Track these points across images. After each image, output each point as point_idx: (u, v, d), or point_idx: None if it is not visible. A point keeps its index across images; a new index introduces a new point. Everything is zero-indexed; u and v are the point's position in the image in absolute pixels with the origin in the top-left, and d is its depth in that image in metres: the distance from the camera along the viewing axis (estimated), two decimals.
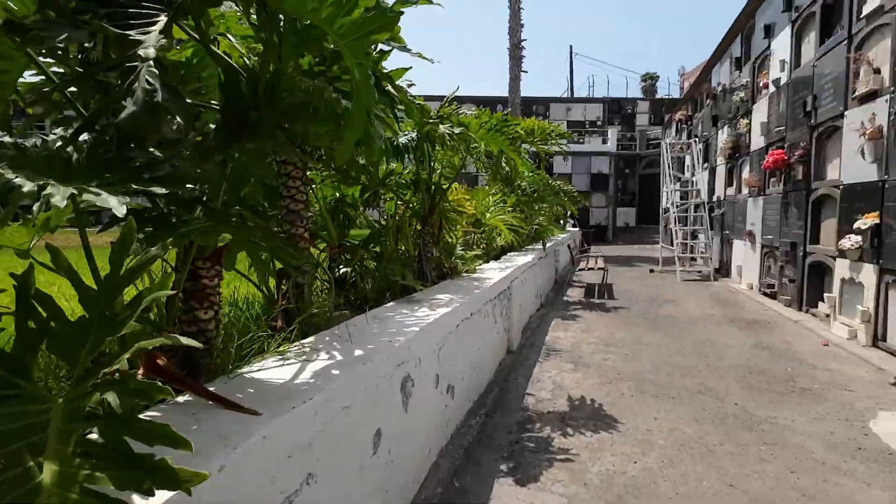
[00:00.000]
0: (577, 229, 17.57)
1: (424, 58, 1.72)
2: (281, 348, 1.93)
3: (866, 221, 4.88)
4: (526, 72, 19.05)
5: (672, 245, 12.07)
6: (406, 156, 3.63)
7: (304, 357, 1.82)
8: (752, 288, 8.57)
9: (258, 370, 1.70)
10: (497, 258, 6.19)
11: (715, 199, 11.26)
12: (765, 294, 7.84)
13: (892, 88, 4.70)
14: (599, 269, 8.20)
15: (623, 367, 4.42)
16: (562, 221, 16.79)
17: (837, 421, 3.27)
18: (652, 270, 11.47)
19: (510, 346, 4.80)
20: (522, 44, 18.70)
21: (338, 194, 3.69)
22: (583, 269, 8.29)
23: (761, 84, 8.48)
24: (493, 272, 4.63)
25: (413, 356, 2.23)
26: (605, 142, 23.48)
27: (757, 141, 8.56)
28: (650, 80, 30.29)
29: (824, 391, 3.81)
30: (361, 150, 2.27)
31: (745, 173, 9.26)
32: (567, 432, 3.10)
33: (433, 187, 3.97)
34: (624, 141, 24.80)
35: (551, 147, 8.18)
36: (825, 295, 5.78)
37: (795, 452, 2.84)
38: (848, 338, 5.18)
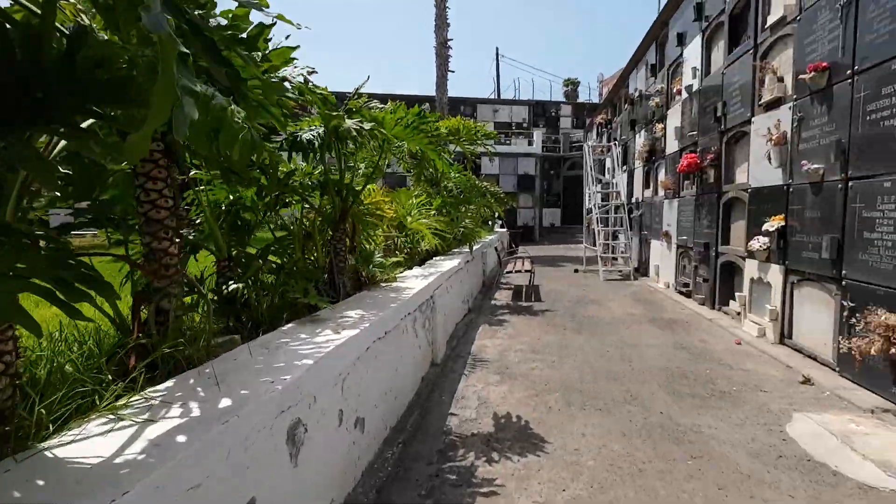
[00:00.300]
0: (505, 230, 17.71)
1: (286, 20, 1.35)
2: (120, 402, 1.48)
3: (773, 224, 5.08)
4: (453, 71, 18.95)
5: (595, 245, 12.40)
6: (313, 154, 3.22)
7: (146, 415, 1.39)
8: (668, 287, 8.89)
9: (72, 440, 1.26)
10: (421, 263, 5.89)
11: (634, 200, 11.67)
12: (680, 293, 8.14)
13: (794, 96, 4.91)
14: (527, 271, 8.14)
15: (550, 376, 4.25)
16: (490, 223, 16.86)
17: (757, 426, 3.26)
18: (576, 270, 11.69)
19: (434, 359, 4.50)
20: (449, 43, 18.58)
21: (231, 197, 3.20)
22: (510, 272, 8.19)
23: (675, 90, 8.82)
24: (415, 280, 4.30)
25: (305, 395, 1.84)
26: (530, 143, 23.97)
27: (672, 145, 8.89)
28: (572, 86, 31.40)
29: (742, 393, 3.84)
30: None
31: (661, 176, 9.62)
32: (492, 458, 2.83)
33: (345, 190, 3.57)
34: (549, 143, 25.47)
35: (477, 148, 8.02)
36: (736, 294, 6.01)
37: (722, 465, 2.76)
38: (758, 336, 5.38)
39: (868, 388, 3.75)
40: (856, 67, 4.00)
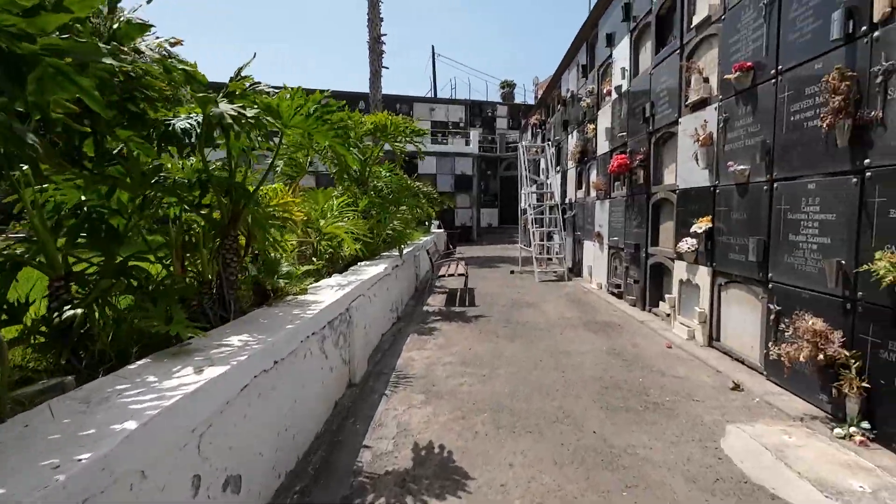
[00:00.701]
0: (442, 231, 17.43)
1: None
2: None
3: (701, 225, 5.03)
4: (387, 67, 18.41)
5: (530, 246, 12.35)
6: (191, 147, 2.67)
7: None
8: (601, 287, 8.90)
9: None
10: (344, 270, 5.39)
11: (567, 201, 11.71)
12: (613, 293, 8.13)
13: (719, 97, 4.87)
14: (460, 274, 7.82)
15: (480, 393, 3.91)
16: (427, 223, 16.49)
17: (692, 443, 3.07)
18: (512, 272, 11.56)
19: (352, 379, 4.04)
20: (383, 38, 18.02)
21: (85, 198, 2.59)
22: (444, 276, 7.85)
23: (605, 91, 8.83)
24: (329, 292, 3.82)
25: (123, 474, 1.34)
26: (467, 143, 23.86)
27: (602, 145, 8.90)
28: (508, 87, 31.72)
29: (675, 404, 3.67)
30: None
31: (593, 177, 9.64)
32: None
33: (234, 189, 3.03)
34: (485, 143, 25.49)
35: (406, 145, 7.59)
36: (666, 296, 5.98)
37: (658, 494, 2.50)
38: (687, 338, 5.33)
39: (796, 394, 3.70)
40: (779, 67, 3.95)
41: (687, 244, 5.31)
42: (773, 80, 4.02)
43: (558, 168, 12.78)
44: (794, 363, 3.43)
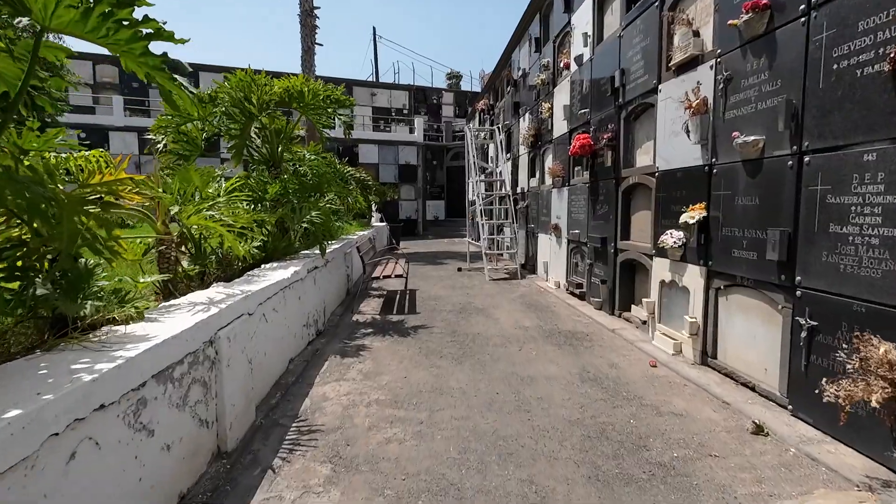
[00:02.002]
0: (384, 224, 16.07)
1: None
2: None
3: (693, 215, 4.02)
4: (321, 45, 16.69)
5: (479, 240, 11.25)
6: None
7: None
8: (559, 287, 7.90)
9: None
10: (235, 278, 4.00)
11: (519, 190, 10.67)
12: (574, 294, 7.13)
13: (717, 51, 3.86)
14: (398, 276, 6.54)
15: (414, 458, 2.68)
16: (367, 217, 15.06)
17: None
18: (460, 269, 10.41)
19: (222, 446, 2.69)
20: (316, 11, 16.30)
21: None
22: (379, 277, 6.55)
23: (562, 64, 7.79)
24: (180, 317, 2.46)
25: None
26: (412, 131, 22.52)
27: (560, 126, 7.88)
28: (455, 79, 30.57)
29: (689, 467, 2.60)
30: None
31: (549, 162, 8.62)
32: None
33: None
34: (431, 132, 24.23)
35: (328, 119, 6.20)
36: (643, 300, 4.98)
37: None
38: (673, 353, 4.35)
39: (847, 444, 2.72)
40: (813, 1, 2.94)
41: (672, 238, 4.30)
42: (803, 19, 3.01)
43: (509, 155, 11.74)
44: (854, 405, 2.42)
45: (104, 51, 1.86)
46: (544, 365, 4.24)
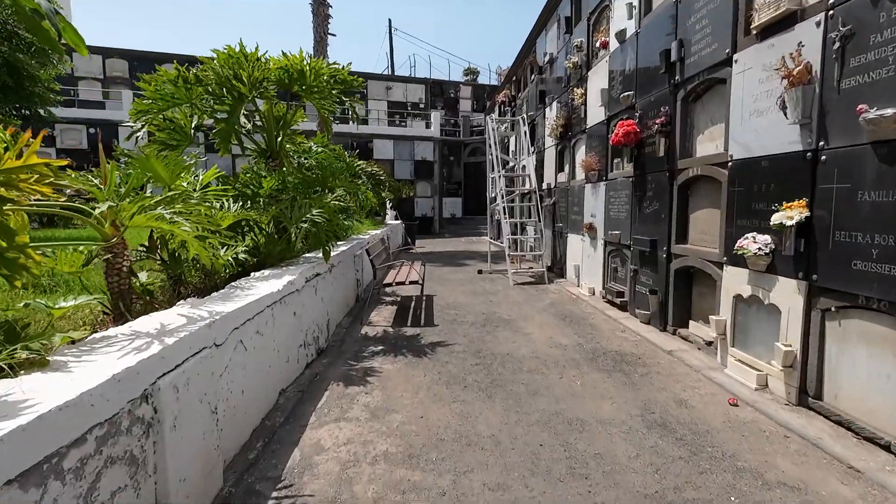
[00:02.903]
0: (399, 222, 15.31)
1: None
2: None
3: (790, 214, 3.14)
4: (334, 35, 16.00)
5: (500, 239, 10.41)
6: None
7: None
8: (594, 294, 7.03)
9: None
10: (215, 290, 3.26)
11: (545, 186, 9.79)
12: (612, 304, 6.26)
13: (829, 1, 2.97)
14: (412, 283, 5.74)
15: None
16: (382, 214, 14.31)
17: None
18: (480, 272, 9.58)
19: None
20: (328, 0, 15.60)
21: None
22: (391, 284, 5.75)
23: (599, 44, 6.90)
24: (101, 360, 1.68)
25: None
26: (428, 126, 21.71)
27: (595, 114, 6.99)
28: (472, 75, 29.65)
29: None
30: None
31: (581, 155, 7.75)
32: None
33: None
34: (448, 127, 23.40)
35: (333, 105, 5.42)
36: (711, 318, 4.09)
37: None
38: (757, 387, 3.47)
39: None
40: None
41: (756, 244, 3.43)
42: None
43: (533, 148, 10.86)
44: None
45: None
46: (595, 401, 3.40)
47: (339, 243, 6.77)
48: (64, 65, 9.01)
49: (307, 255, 5.14)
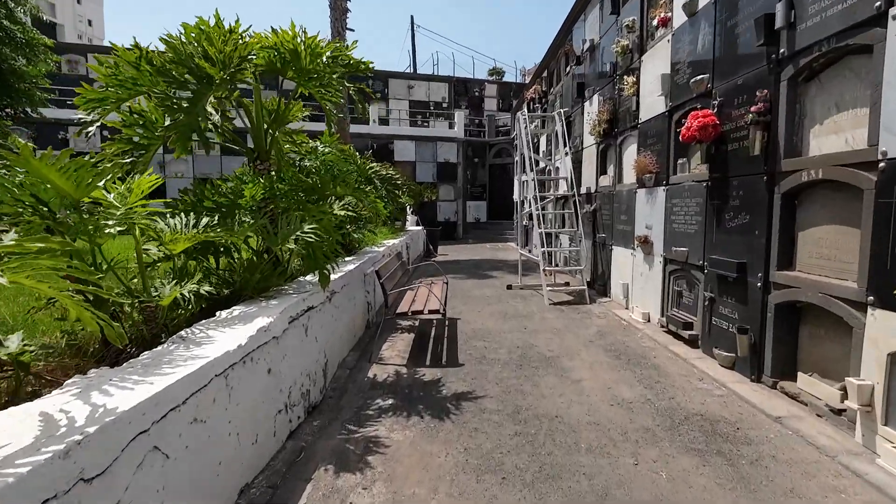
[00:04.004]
0: (420, 228, 14.32)
1: None
2: None
3: None
4: (352, 30, 15.20)
5: (527, 245, 9.33)
6: None
7: None
8: (649, 320, 5.87)
9: None
10: (154, 344, 2.29)
11: (584, 191, 8.64)
12: (677, 336, 5.10)
13: None
14: (432, 312, 4.69)
15: None
16: (401, 221, 13.33)
17: None
18: (510, 287, 8.48)
19: None
20: None
21: None
22: (406, 313, 4.70)
23: (657, 21, 5.75)
24: None
25: None
26: (451, 126, 20.69)
27: (652, 105, 5.85)
28: (497, 75, 28.58)
29: None
30: None
31: (631, 154, 6.60)
32: None
33: None
34: (472, 127, 22.34)
35: (337, 93, 4.42)
36: (850, 381, 2.92)
37: None
38: None
39: None
40: None
41: None
42: None
43: (567, 149, 9.71)
44: None
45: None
46: None
47: (347, 258, 5.79)
48: (49, 58, 8.26)
49: (303, 278, 4.17)
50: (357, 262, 5.52)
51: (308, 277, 4.16)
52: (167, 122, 3.19)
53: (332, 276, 4.23)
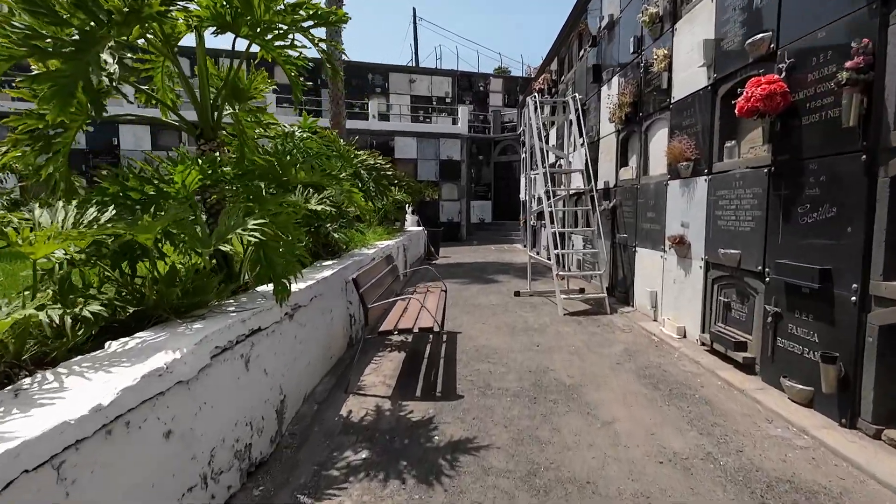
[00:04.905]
0: (420, 229, 13.41)
1: None
2: None
3: None
4: (350, 17, 14.23)
5: (534, 246, 8.41)
6: None
7: None
8: (684, 335, 4.94)
9: None
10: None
11: (601, 185, 7.69)
12: (724, 357, 4.17)
13: None
14: (423, 330, 3.76)
15: None
16: (399, 222, 12.42)
17: None
18: (518, 293, 7.56)
19: None
20: None
21: None
22: (391, 332, 3.77)
23: None
24: None
25: None
26: (455, 122, 19.79)
27: (689, 80, 4.92)
28: (503, 74, 27.60)
29: None
30: None
31: (661, 140, 5.67)
32: None
33: None
34: (477, 123, 21.41)
35: (301, 56, 3.51)
36: None
37: None
38: None
39: None
40: None
41: None
42: None
43: (582, 139, 8.75)
44: None
45: None
46: None
47: (327, 262, 4.88)
48: None
49: (260, 290, 3.27)
50: (337, 266, 4.62)
51: (264, 288, 3.26)
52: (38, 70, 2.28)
53: (297, 286, 3.34)
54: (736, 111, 3.68)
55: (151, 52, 3.38)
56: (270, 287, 3.14)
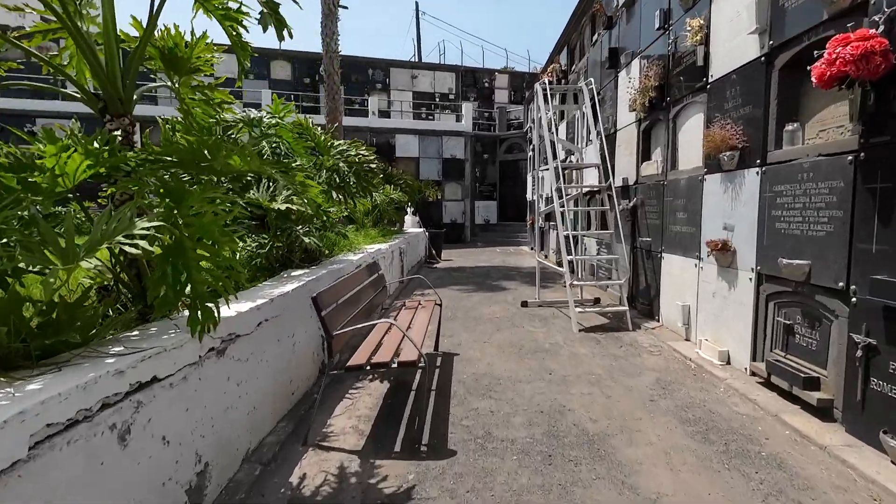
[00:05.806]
0: (421, 230, 12.60)
1: None
2: None
3: None
4: (346, 7, 13.42)
5: (545, 251, 7.57)
6: None
7: None
8: (728, 361, 4.08)
9: None
10: None
11: (619, 183, 6.82)
12: (788, 396, 3.30)
13: None
14: (403, 365, 2.92)
15: None
16: (399, 221, 11.61)
17: None
18: (525, 304, 6.70)
19: None
20: None
21: None
22: (366, 366, 2.94)
23: None
24: None
25: None
26: (459, 119, 18.97)
27: (736, 51, 4.06)
28: (508, 71, 26.78)
29: None
30: None
31: (694, 127, 4.81)
32: None
33: None
34: (481, 120, 20.57)
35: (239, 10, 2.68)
36: None
37: None
38: None
39: None
40: None
41: None
42: None
43: (598, 128, 7.88)
44: None
45: None
46: None
47: (296, 273, 4.05)
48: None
49: (180, 315, 2.44)
50: (307, 278, 3.80)
51: (177, 315, 2.43)
52: None
53: (236, 309, 2.53)
54: (814, 79, 2.81)
55: None
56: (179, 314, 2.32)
